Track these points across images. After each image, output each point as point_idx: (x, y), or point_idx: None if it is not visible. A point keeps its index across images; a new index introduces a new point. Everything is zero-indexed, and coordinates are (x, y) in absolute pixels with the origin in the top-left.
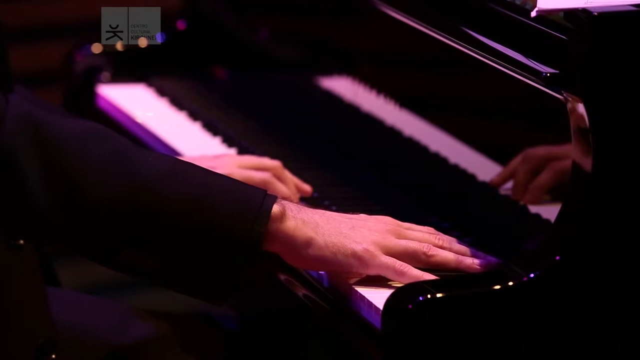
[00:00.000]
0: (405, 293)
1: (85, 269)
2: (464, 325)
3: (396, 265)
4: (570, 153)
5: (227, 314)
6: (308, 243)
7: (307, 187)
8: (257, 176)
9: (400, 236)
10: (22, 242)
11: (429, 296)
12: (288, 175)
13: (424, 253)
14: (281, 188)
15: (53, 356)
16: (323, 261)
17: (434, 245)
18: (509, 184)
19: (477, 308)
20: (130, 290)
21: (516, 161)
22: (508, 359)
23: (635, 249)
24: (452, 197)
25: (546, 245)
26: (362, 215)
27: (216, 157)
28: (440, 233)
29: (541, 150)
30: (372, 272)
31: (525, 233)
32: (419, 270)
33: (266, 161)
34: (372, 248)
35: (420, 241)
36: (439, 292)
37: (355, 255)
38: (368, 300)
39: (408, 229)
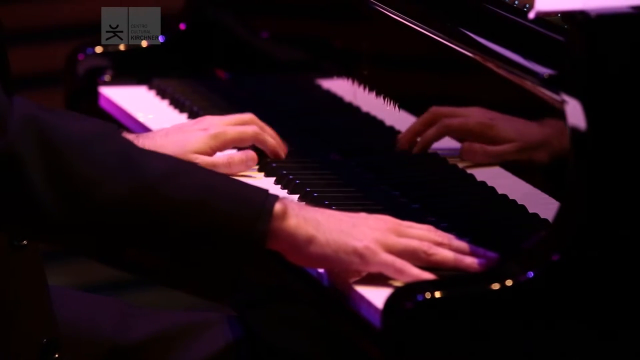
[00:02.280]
0: (404, 292)
1: (87, 268)
2: (463, 325)
3: (396, 263)
4: (568, 153)
5: (227, 314)
6: (310, 241)
7: (284, 147)
8: (250, 130)
9: (400, 234)
10: (25, 242)
11: (428, 296)
12: (266, 126)
13: (424, 252)
14: (269, 139)
15: (56, 355)
16: (324, 258)
17: (434, 243)
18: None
19: (476, 307)
20: (132, 288)
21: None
22: (507, 358)
23: (633, 248)
24: (451, 197)
25: (545, 244)
26: (363, 214)
27: (198, 121)
28: (439, 231)
29: (445, 109)
30: (373, 269)
31: (523, 232)
32: (418, 269)
33: (244, 116)
34: (373, 245)
35: (420, 239)
36: (438, 292)
37: (356, 253)
38: (368, 300)
39: (408, 227)
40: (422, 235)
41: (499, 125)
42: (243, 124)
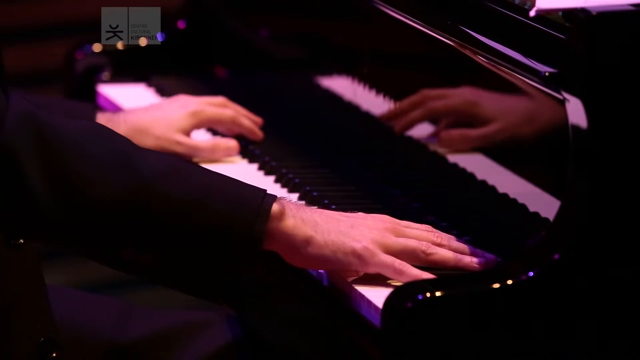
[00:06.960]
0: (404, 292)
1: (86, 267)
2: (463, 324)
3: (395, 263)
4: (568, 151)
5: (226, 313)
6: (307, 242)
7: (257, 119)
8: (227, 112)
9: (399, 234)
10: (22, 241)
11: (428, 295)
12: (239, 108)
13: (423, 252)
14: (245, 121)
15: (54, 354)
16: (323, 260)
17: (432, 243)
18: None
19: (476, 307)
20: (131, 288)
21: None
22: (507, 358)
23: (634, 248)
24: (451, 196)
25: (545, 243)
26: (361, 214)
27: (174, 99)
28: (438, 231)
29: (433, 92)
30: (371, 270)
31: (524, 231)
32: (417, 269)
33: (217, 98)
34: (371, 246)
35: (419, 239)
36: (438, 291)
37: (354, 254)
38: (367, 299)
39: (406, 227)
40: (420, 235)
41: (483, 103)
42: (217, 105)
